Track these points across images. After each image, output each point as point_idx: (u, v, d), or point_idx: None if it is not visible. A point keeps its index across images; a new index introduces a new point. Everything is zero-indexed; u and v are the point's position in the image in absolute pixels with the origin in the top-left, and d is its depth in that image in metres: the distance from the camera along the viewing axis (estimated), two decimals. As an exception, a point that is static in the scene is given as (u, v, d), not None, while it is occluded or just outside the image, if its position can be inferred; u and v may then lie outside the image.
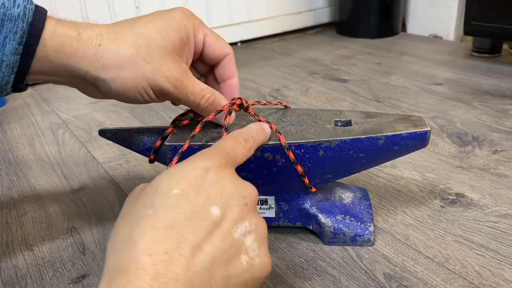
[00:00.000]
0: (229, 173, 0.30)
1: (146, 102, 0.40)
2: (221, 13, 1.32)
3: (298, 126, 0.43)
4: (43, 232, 0.51)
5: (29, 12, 0.34)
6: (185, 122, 0.45)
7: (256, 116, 0.43)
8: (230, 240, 0.27)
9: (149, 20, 0.39)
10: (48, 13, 0.36)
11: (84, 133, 0.79)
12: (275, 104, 0.48)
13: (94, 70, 0.36)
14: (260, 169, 0.42)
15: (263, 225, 0.30)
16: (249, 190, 0.30)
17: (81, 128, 0.81)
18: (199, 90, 0.40)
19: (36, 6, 0.35)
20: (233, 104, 0.42)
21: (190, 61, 0.42)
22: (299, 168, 0.41)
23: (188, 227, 0.26)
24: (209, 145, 0.41)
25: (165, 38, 0.38)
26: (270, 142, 0.41)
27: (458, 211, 0.50)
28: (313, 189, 0.44)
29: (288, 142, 0.41)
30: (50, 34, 0.35)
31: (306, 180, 0.43)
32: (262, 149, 0.41)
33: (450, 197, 0.53)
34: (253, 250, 0.28)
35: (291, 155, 0.41)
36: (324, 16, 1.53)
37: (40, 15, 0.35)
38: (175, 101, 0.41)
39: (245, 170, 0.42)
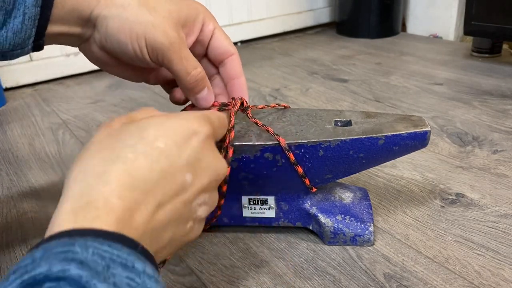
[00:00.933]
0: (212, 145, 0.31)
1: (134, 55, 0.39)
2: (221, 13, 1.31)
3: (298, 126, 0.43)
4: (43, 232, 0.51)
5: None
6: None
7: (253, 119, 0.43)
8: (189, 207, 0.29)
9: None
10: None
11: (84, 133, 0.79)
12: (273, 107, 0.48)
13: (98, 8, 0.38)
14: (260, 169, 0.42)
15: (216, 202, 0.32)
16: (224, 170, 0.32)
17: (81, 128, 0.81)
18: (193, 60, 0.40)
19: None
20: (242, 103, 0.42)
21: (190, 44, 0.42)
22: (300, 169, 0.41)
23: (160, 185, 0.26)
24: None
25: (174, 6, 0.39)
26: (270, 143, 0.41)
27: (458, 211, 0.50)
28: (314, 189, 0.44)
29: (288, 142, 0.40)
30: None
31: (307, 181, 0.43)
32: (262, 149, 0.41)
33: (450, 197, 0.53)
34: (200, 220, 0.31)
35: (292, 157, 0.41)
36: (324, 16, 1.53)
37: None
38: (165, 65, 0.40)
39: (245, 170, 0.42)
